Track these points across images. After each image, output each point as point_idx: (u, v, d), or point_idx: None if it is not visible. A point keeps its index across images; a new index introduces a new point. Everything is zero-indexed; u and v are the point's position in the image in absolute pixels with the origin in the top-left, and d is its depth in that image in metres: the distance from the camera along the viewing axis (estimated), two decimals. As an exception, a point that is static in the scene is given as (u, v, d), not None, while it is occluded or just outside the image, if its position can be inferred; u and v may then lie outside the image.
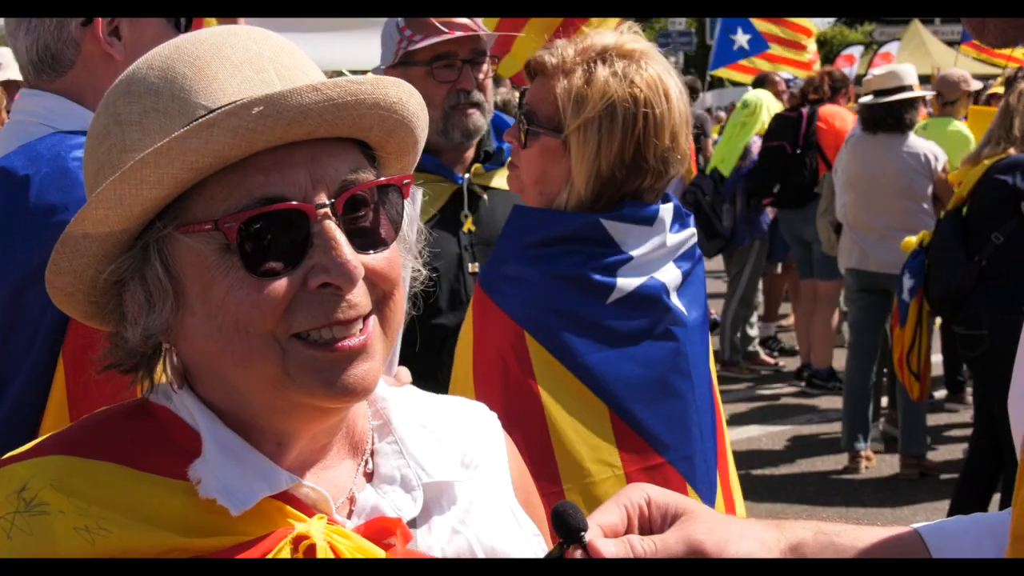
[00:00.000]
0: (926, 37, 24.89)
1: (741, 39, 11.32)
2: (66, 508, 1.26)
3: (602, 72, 2.46)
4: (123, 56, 2.31)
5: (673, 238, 2.57)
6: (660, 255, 2.55)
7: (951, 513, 5.75)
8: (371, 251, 1.32)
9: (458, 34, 3.46)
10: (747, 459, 8.26)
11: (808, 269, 10.00)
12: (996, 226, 5.87)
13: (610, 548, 1.32)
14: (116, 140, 1.32)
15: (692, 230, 2.64)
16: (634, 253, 2.50)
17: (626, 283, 2.49)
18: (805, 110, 9.85)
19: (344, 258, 1.27)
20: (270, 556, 1.28)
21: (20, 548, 1.24)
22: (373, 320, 1.32)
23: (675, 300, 2.56)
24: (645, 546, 1.35)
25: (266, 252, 1.26)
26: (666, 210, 2.56)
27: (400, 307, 1.37)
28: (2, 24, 2.44)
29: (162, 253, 1.29)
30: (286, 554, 1.28)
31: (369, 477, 1.43)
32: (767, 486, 7.71)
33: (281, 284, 1.27)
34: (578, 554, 1.32)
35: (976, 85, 9.96)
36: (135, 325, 1.33)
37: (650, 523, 1.40)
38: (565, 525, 1.32)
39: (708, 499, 2.54)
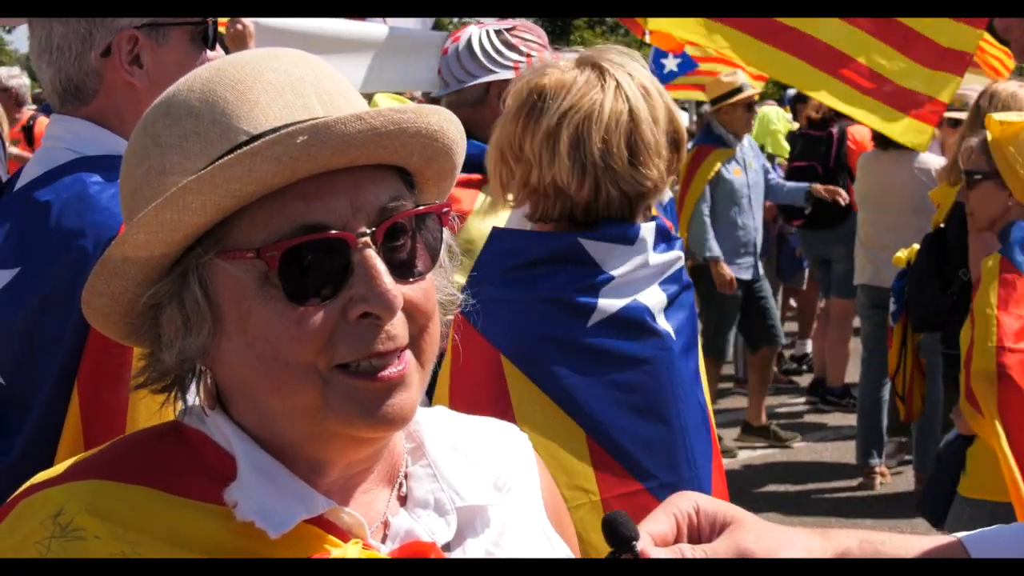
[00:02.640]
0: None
1: (671, 63, 11.34)
2: (102, 533, 1.25)
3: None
4: (146, 84, 2.32)
5: (656, 258, 2.54)
6: (643, 276, 2.52)
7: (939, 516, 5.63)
8: (409, 280, 1.32)
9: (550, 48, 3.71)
10: (762, 476, 8.24)
11: (828, 288, 9.91)
12: (967, 255, 5.48)
13: (661, 557, 1.32)
14: (155, 162, 1.31)
15: (678, 252, 2.61)
16: (615, 273, 2.48)
17: (608, 304, 2.47)
18: (834, 130, 9.70)
19: (384, 287, 1.26)
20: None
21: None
22: (408, 353, 1.31)
23: (662, 323, 2.53)
24: (695, 555, 1.35)
25: (306, 282, 1.26)
26: (647, 229, 2.53)
27: (435, 339, 1.36)
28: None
29: (201, 278, 1.29)
30: (322, 580, 1.27)
31: (403, 501, 1.43)
32: (782, 503, 7.68)
33: (321, 316, 1.26)
34: None
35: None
36: (171, 347, 1.32)
37: (699, 531, 1.41)
38: (616, 534, 1.32)
39: None
